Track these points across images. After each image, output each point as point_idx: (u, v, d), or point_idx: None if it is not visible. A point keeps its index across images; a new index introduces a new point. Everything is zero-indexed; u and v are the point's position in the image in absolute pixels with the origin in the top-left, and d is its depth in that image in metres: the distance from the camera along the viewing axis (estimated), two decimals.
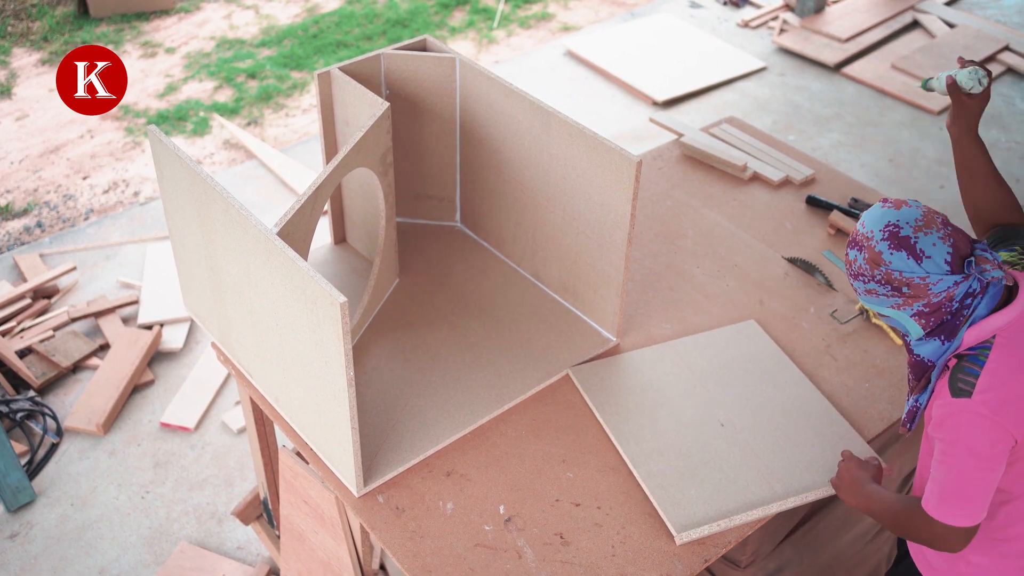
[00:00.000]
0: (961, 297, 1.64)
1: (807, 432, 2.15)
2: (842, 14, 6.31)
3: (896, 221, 1.65)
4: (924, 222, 1.64)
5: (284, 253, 1.78)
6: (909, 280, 1.63)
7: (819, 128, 5.33)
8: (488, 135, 2.47)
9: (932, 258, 1.62)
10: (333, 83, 2.37)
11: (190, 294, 2.35)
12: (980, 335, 1.67)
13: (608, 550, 1.94)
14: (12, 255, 4.34)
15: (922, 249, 1.62)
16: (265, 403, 2.25)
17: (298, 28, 6.29)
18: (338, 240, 2.71)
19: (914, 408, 1.80)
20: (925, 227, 1.64)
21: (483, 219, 2.66)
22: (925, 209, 1.67)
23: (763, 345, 2.39)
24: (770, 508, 1.99)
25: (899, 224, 1.65)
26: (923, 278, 1.63)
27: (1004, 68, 5.85)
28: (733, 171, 3.03)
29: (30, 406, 3.54)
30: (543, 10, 6.57)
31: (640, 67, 5.78)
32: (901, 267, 1.63)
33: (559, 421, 2.21)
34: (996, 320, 1.67)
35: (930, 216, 1.66)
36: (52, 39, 6.12)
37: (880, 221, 1.67)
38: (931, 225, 1.64)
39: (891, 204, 1.69)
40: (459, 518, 1.99)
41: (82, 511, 3.26)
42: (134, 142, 5.17)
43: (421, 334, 2.41)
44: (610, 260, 2.29)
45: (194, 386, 3.68)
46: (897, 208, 1.67)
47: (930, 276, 1.62)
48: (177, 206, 2.14)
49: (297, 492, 2.29)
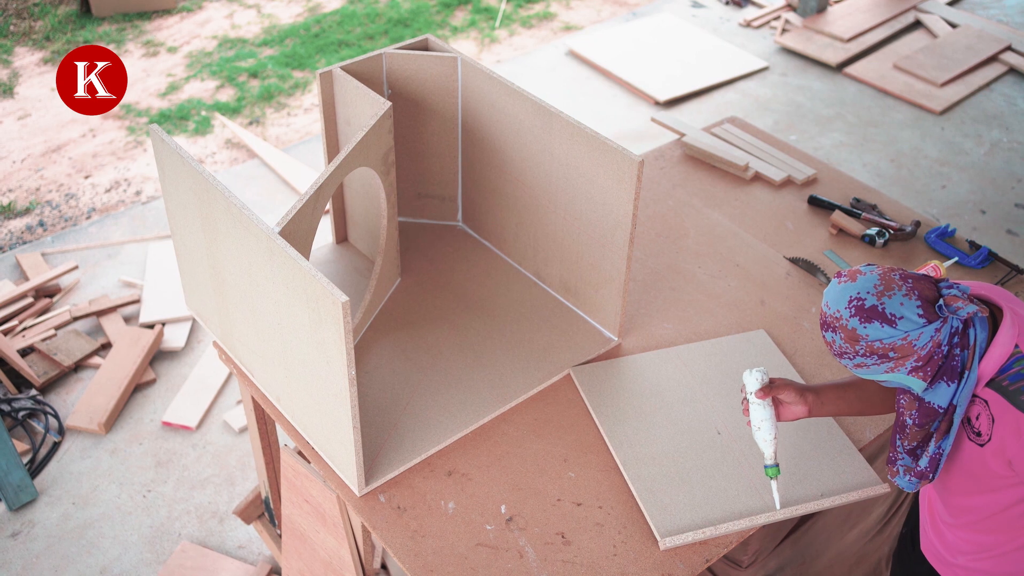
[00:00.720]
0: (948, 339, 1.64)
1: (804, 445, 2.14)
2: (844, 14, 6.31)
3: (858, 294, 1.66)
4: (884, 285, 1.65)
5: (286, 252, 1.78)
6: (892, 345, 1.64)
7: (821, 128, 5.33)
8: (490, 135, 2.47)
9: (905, 317, 1.62)
10: (335, 82, 2.37)
11: (192, 293, 2.35)
12: (1003, 354, 1.67)
13: (609, 550, 1.94)
14: (14, 254, 4.34)
15: (892, 313, 1.63)
16: (267, 402, 2.25)
17: (300, 27, 6.29)
18: (340, 239, 2.71)
19: (937, 455, 1.76)
20: (886, 290, 1.64)
21: (485, 219, 2.66)
22: (881, 271, 1.68)
23: (770, 355, 2.37)
24: (757, 520, 1.98)
25: (861, 296, 1.65)
26: (904, 338, 1.63)
27: (1006, 68, 5.85)
28: (735, 171, 3.03)
29: (32, 405, 3.54)
30: (545, 10, 6.57)
31: (642, 67, 5.78)
32: (879, 335, 1.63)
33: (561, 421, 2.21)
34: (1007, 336, 1.67)
35: (887, 277, 1.66)
36: (54, 38, 6.12)
37: (842, 299, 1.67)
38: (891, 286, 1.65)
39: (847, 277, 1.70)
40: (460, 517, 1.99)
41: (84, 510, 3.27)
42: (136, 141, 5.18)
43: (422, 333, 2.41)
44: (612, 260, 2.29)
45: (196, 385, 3.69)
46: (853, 280, 1.68)
47: (910, 334, 1.63)
48: (179, 205, 2.14)
49: (298, 491, 2.30)
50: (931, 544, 2.00)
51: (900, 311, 1.62)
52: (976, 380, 1.69)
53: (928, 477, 1.80)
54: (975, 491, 1.79)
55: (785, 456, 2.11)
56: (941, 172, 5.00)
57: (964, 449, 1.75)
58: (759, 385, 1.91)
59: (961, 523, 1.87)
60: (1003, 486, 1.74)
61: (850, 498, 2.03)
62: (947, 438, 1.74)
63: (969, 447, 1.74)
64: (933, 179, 4.95)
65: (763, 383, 1.92)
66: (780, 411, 1.94)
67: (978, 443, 1.71)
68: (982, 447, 1.71)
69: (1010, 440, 1.66)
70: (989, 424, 1.68)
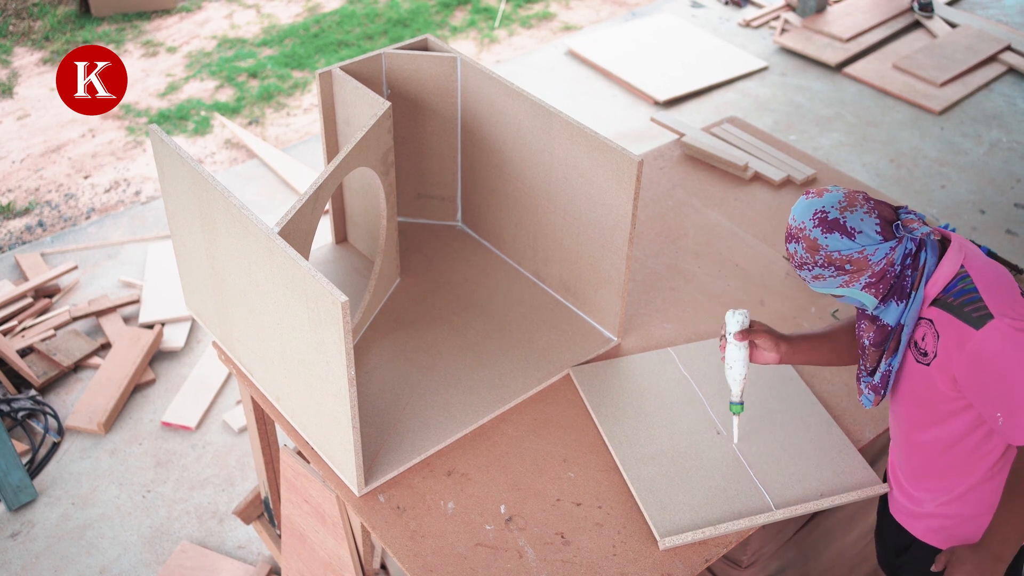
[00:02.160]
0: (901, 259, 1.75)
1: (804, 445, 2.14)
2: (843, 14, 6.31)
3: (822, 208, 1.76)
4: (847, 202, 1.76)
5: (285, 252, 1.78)
6: (848, 257, 1.74)
7: (820, 128, 5.33)
8: (489, 135, 2.47)
9: (863, 232, 1.73)
10: (334, 82, 2.37)
11: (191, 293, 2.35)
12: (948, 274, 1.76)
13: (609, 550, 1.94)
14: (13, 254, 4.34)
15: (852, 226, 1.73)
16: (266, 402, 2.25)
17: (299, 27, 6.29)
18: (339, 240, 2.71)
19: (887, 372, 1.88)
20: (849, 206, 1.75)
21: (484, 219, 2.66)
22: (846, 191, 1.78)
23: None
24: (756, 520, 1.98)
25: (825, 209, 1.75)
26: (860, 251, 1.73)
27: (1006, 68, 5.85)
28: (734, 171, 3.03)
29: (31, 405, 3.54)
30: (544, 10, 6.57)
31: (641, 67, 5.78)
32: (838, 247, 1.74)
33: (560, 421, 2.21)
34: (954, 258, 1.77)
35: (851, 195, 1.77)
36: (54, 38, 6.12)
37: (808, 211, 1.77)
38: (854, 203, 1.75)
39: (814, 194, 1.80)
40: (460, 518, 1.99)
41: (83, 510, 3.27)
42: (135, 141, 5.18)
43: (422, 333, 2.41)
44: (611, 260, 2.29)
45: (195, 385, 3.68)
46: (820, 196, 1.78)
47: (867, 248, 1.73)
48: (178, 205, 2.14)
49: (298, 491, 2.30)
50: (898, 504, 2.06)
51: (860, 226, 1.73)
52: (922, 300, 1.79)
53: (880, 392, 1.91)
54: (928, 423, 1.87)
55: (785, 456, 2.11)
56: (940, 172, 5.00)
57: (913, 374, 1.85)
58: (739, 328, 2.01)
59: (919, 466, 1.95)
60: (952, 411, 1.82)
61: (850, 498, 2.03)
62: (895, 356, 1.85)
63: (918, 370, 1.83)
64: (932, 179, 4.95)
65: (743, 326, 2.01)
66: (754, 354, 2.05)
67: (924, 363, 1.81)
68: (928, 366, 1.80)
69: (954, 353, 1.74)
70: (934, 341, 1.78)
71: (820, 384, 2.32)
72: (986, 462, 1.87)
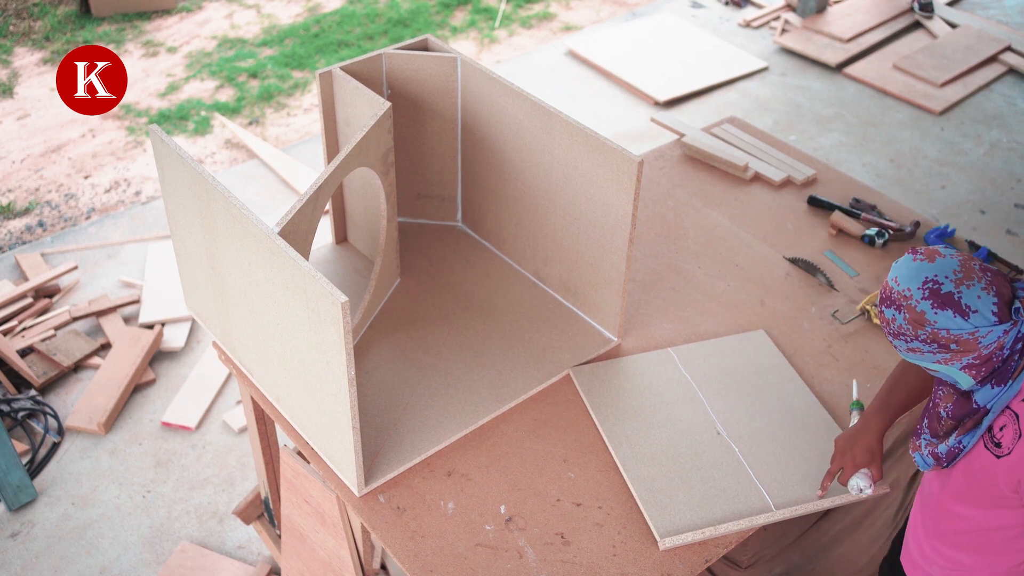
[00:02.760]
0: (1012, 343, 1.56)
1: (804, 445, 2.14)
2: (844, 14, 6.31)
3: (935, 277, 1.55)
4: (964, 273, 1.55)
5: (285, 253, 1.78)
6: (957, 337, 1.55)
7: (820, 128, 5.33)
8: (489, 135, 2.47)
9: (979, 312, 1.53)
10: (335, 83, 2.37)
11: (191, 293, 2.35)
12: None
13: (609, 550, 1.94)
14: (13, 254, 4.34)
15: (967, 304, 1.53)
16: (266, 402, 2.25)
17: (299, 27, 6.29)
18: (339, 240, 2.71)
19: (956, 449, 1.72)
20: (966, 279, 1.54)
21: (484, 219, 2.66)
22: (961, 257, 1.58)
23: (769, 355, 2.37)
24: (756, 520, 1.98)
25: (938, 280, 1.55)
26: (972, 333, 1.54)
27: (1006, 68, 5.85)
28: (734, 171, 3.03)
29: (31, 405, 3.54)
30: (544, 10, 6.57)
31: (641, 67, 5.78)
32: (948, 325, 1.54)
33: (560, 421, 2.21)
34: None
35: (968, 265, 1.56)
36: (54, 38, 6.12)
37: (916, 278, 1.57)
38: (971, 276, 1.55)
39: (923, 256, 1.59)
40: (460, 518, 1.99)
41: (83, 510, 3.27)
42: (135, 141, 5.18)
43: (422, 334, 2.41)
44: (611, 260, 2.29)
45: (195, 385, 3.69)
46: (931, 260, 1.57)
47: (979, 330, 1.54)
48: (178, 205, 2.14)
49: (298, 491, 2.30)
50: (910, 553, 1.99)
51: (976, 304, 1.53)
52: (1017, 391, 1.62)
53: (943, 464, 1.75)
54: (974, 502, 1.75)
55: (785, 456, 2.11)
56: (941, 172, 5.00)
57: (979, 457, 1.70)
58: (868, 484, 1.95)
59: (947, 533, 1.84)
60: (1003, 506, 1.70)
61: (850, 498, 2.03)
62: (971, 435, 1.69)
63: (984, 456, 1.68)
64: (933, 179, 4.95)
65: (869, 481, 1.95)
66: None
67: (995, 454, 1.66)
68: (998, 459, 1.65)
69: None
70: (1013, 439, 1.62)
71: (820, 384, 2.32)
72: (1016, 557, 1.75)
